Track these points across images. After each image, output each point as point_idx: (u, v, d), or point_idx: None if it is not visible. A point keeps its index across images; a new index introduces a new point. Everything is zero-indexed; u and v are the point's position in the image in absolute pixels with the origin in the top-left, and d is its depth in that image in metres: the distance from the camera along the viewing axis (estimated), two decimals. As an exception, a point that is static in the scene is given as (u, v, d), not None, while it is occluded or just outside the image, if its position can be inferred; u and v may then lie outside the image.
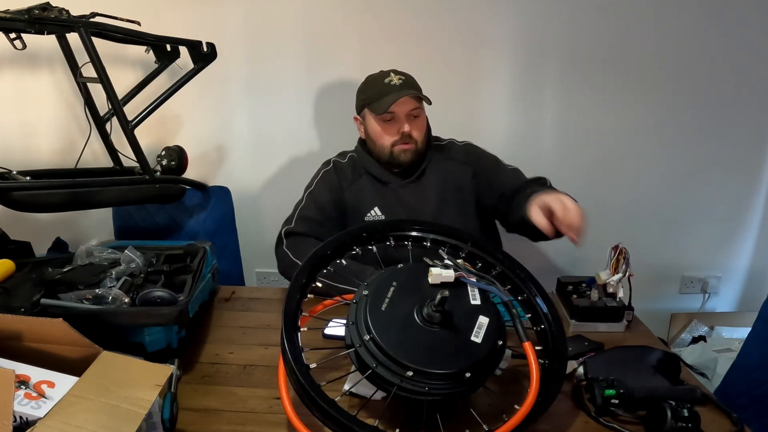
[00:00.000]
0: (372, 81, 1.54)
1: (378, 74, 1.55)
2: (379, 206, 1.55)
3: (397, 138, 1.51)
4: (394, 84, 1.49)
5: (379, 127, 1.52)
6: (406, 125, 1.50)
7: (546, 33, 2.04)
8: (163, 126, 2.09)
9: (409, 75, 1.54)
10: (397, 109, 1.49)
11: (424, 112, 1.56)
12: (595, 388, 1.00)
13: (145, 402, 0.81)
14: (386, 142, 1.52)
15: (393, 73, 1.52)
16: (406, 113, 1.50)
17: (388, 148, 1.53)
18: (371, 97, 1.51)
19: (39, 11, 1.49)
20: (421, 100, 1.51)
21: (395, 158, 1.53)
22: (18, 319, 0.91)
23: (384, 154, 1.54)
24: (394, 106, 1.46)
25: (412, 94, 1.47)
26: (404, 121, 1.50)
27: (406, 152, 1.52)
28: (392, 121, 1.51)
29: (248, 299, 1.49)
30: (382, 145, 1.54)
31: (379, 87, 1.50)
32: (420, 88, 1.54)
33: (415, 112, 1.51)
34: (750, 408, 1.26)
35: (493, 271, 1.10)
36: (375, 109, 1.49)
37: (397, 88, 1.48)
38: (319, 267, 1.04)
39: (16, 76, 2.04)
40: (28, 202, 1.52)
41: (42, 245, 1.52)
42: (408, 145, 1.52)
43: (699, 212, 2.24)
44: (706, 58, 2.05)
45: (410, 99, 1.48)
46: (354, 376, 1.04)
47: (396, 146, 1.52)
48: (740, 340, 1.57)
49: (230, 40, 1.99)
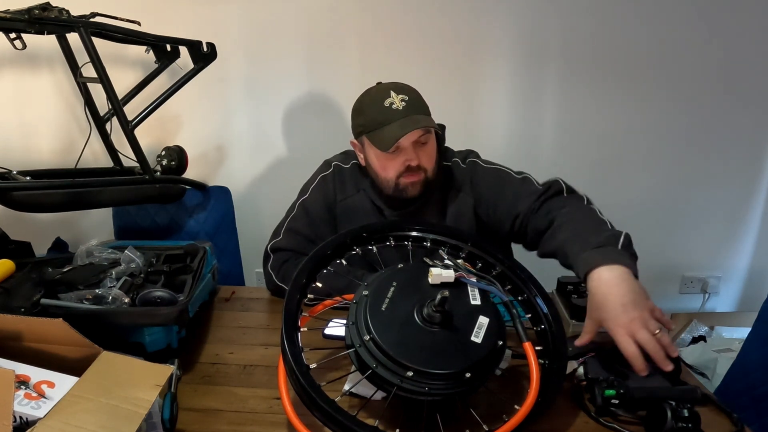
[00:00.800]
0: (370, 102, 1.30)
1: (375, 92, 1.30)
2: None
3: (402, 170, 1.29)
4: (396, 108, 1.25)
5: (380, 161, 1.31)
6: (414, 158, 1.28)
7: (546, 33, 2.04)
8: (163, 126, 2.09)
9: (413, 92, 1.30)
10: (403, 142, 1.25)
11: (433, 137, 1.32)
12: (595, 388, 1.00)
13: (145, 402, 0.81)
14: (390, 175, 1.31)
15: (394, 92, 1.27)
16: (413, 142, 1.27)
17: (393, 180, 1.31)
18: (369, 125, 1.28)
19: (39, 11, 1.49)
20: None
21: (402, 192, 1.32)
22: (18, 319, 0.90)
23: (388, 187, 1.33)
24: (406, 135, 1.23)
25: (421, 125, 1.24)
26: (411, 151, 1.27)
27: (414, 184, 1.31)
28: (396, 152, 1.28)
29: (248, 299, 1.49)
30: (385, 179, 1.33)
31: (379, 112, 1.26)
32: (426, 107, 1.31)
33: (423, 138, 1.28)
34: (750, 408, 1.26)
35: (493, 271, 1.10)
36: (376, 143, 1.26)
37: (400, 114, 1.24)
38: (319, 267, 1.04)
39: (16, 76, 2.04)
40: (28, 202, 1.52)
41: (42, 245, 1.52)
42: (415, 176, 1.30)
43: (699, 212, 2.24)
44: (707, 58, 2.05)
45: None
46: (354, 376, 1.03)
47: (402, 178, 1.30)
48: (740, 340, 1.57)
49: (230, 40, 1.99)
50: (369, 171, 1.39)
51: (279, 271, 1.42)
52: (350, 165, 1.47)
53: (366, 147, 1.35)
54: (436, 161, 1.35)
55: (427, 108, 1.33)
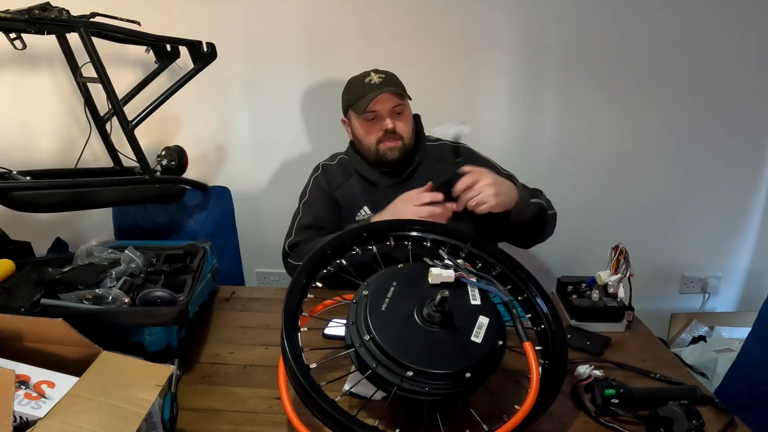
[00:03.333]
0: (353, 82, 1.55)
1: (359, 75, 1.55)
2: (369, 206, 1.55)
3: (381, 135, 1.50)
4: (374, 83, 1.49)
5: (362, 128, 1.53)
6: (389, 121, 1.49)
7: (546, 32, 2.04)
8: (163, 126, 2.09)
9: (390, 73, 1.54)
10: (379, 107, 1.49)
11: (408, 109, 1.55)
12: (595, 388, 1.00)
13: (145, 402, 0.81)
14: (371, 140, 1.52)
15: (374, 73, 1.52)
16: (389, 110, 1.50)
17: (374, 146, 1.52)
18: (352, 99, 1.52)
19: (39, 11, 1.49)
20: (403, 97, 1.50)
21: (382, 156, 1.52)
22: (18, 319, 0.91)
23: (371, 153, 1.54)
24: (375, 104, 1.47)
25: (391, 91, 1.47)
26: (387, 117, 1.50)
27: (392, 149, 1.51)
28: (375, 119, 1.51)
29: (248, 299, 1.49)
30: (368, 144, 1.53)
31: (360, 87, 1.51)
32: (402, 84, 1.53)
33: (398, 108, 1.51)
34: (750, 408, 1.26)
35: (493, 271, 1.10)
36: (356, 108, 1.49)
37: (376, 86, 1.48)
38: (319, 267, 1.04)
39: (16, 76, 2.04)
40: (28, 202, 1.52)
41: (42, 245, 1.52)
42: (393, 141, 1.51)
43: (699, 212, 2.24)
44: (707, 58, 2.05)
45: (391, 96, 1.48)
46: (354, 376, 1.04)
47: (381, 143, 1.51)
48: (740, 340, 1.57)
49: (230, 40, 1.99)
50: (356, 143, 1.60)
51: (296, 258, 1.49)
52: (336, 161, 1.65)
53: (352, 119, 1.57)
54: (412, 133, 1.56)
55: (402, 86, 1.54)
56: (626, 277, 1.29)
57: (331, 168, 1.63)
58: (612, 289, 1.32)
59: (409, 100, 1.53)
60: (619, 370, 1.14)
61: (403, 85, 1.54)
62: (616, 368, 1.14)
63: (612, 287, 1.32)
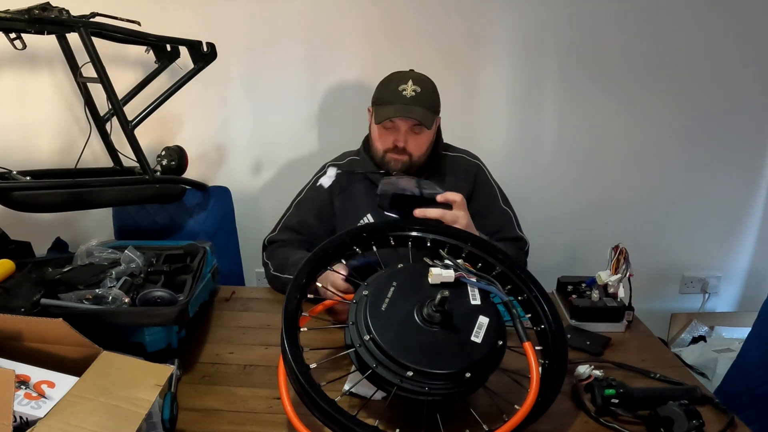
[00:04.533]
0: (388, 82, 1.47)
1: (398, 76, 1.47)
2: (372, 214, 1.50)
3: (390, 147, 1.46)
4: (404, 95, 1.42)
5: (377, 131, 1.49)
6: (402, 140, 1.44)
7: (547, 32, 2.04)
8: (163, 126, 2.09)
9: (428, 85, 1.46)
10: (399, 122, 1.44)
11: (429, 131, 1.47)
12: (595, 388, 1.00)
13: (145, 402, 0.81)
14: (380, 146, 1.49)
15: (411, 82, 1.43)
16: (408, 127, 1.44)
17: (381, 152, 1.49)
18: (379, 99, 1.47)
19: (39, 11, 1.49)
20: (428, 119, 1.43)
21: (386, 164, 1.49)
22: (18, 319, 0.90)
23: (377, 156, 1.52)
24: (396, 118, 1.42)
25: (413, 116, 1.40)
26: (403, 135, 1.44)
27: (397, 162, 1.47)
28: (392, 129, 1.45)
29: (248, 299, 1.49)
30: (376, 148, 1.51)
31: (391, 92, 1.43)
32: (434, 104, 1.47)
33: (418, 129, 1.44)
34: (750, 408, 1.26)
35: (493, 271, 1.10)
36: (376, 114, 1.45)
37: (405, 101, 1.41)
38: (319, 267, 1.04)
39: (16, 76, 2.04)
40: (28, 202, 1.52)
41: (42, 245, 1.52)
42: (400, 156, 1.46)
43: (699, 212, 2.24)
44: (707, 58, 2.05)
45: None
46: (354, 376, 1.04)
47: (388, 153, 1.48)
48: (740, 340, 1.57)
49: (230, 40, 1.99)
50: (370, 138, 1.55)
51: (274, 260, 1.50)
52: (345, 161, 1.60)
53: (372, 115, 1.51)
54: (426, 151, 1.50)
55: (434, 104, 1.47)
56: (626, 277, 1.30)
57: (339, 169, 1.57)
58: (612, 289, 1.32)
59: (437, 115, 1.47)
60: (619, 370, 1.14)
61: (435, 101, 1.47)
62: (616, 368, 1.15)
63: (612, 287, 1.32)
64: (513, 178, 1.81)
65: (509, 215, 1.56)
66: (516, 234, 1.54)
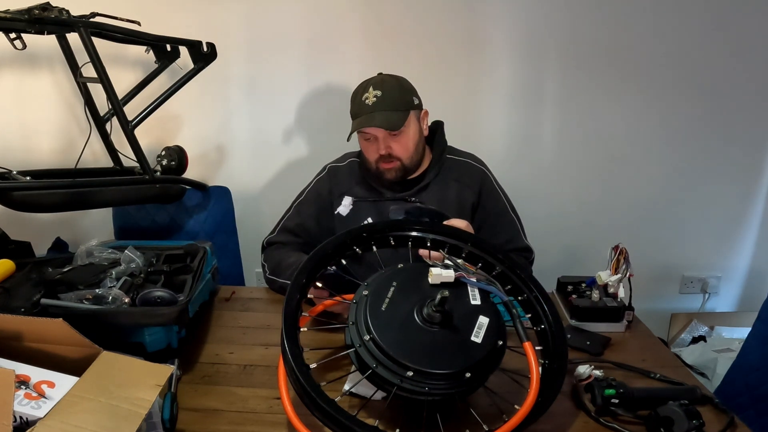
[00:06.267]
0: (354, 94, 1.45)
1: (363, 85, 1.44)
2: (373, 217, 1.50)
3: (377, 157, 1.44)
4: (366, 103, 1.39)
5: (361, 145, 1.48)
6: (383, 147, 1.41)
7: (547, 32, 2.04)
8: (163, 126, 2.09)
9: (388, 89, 1.40)
10: (373, 131, 1.40)
11: (407, 128, 1.42)
12: (595, 388, 1.00)
13: (145, 402, 0.81)
14: (370, 158, 1.46)
15: (372, 88, 1.40)
16: (384, 134, 1.40)
17: (374, 164, 1.47)
18: (352, 113, 1.45)
19: (39, 11, 1.49)
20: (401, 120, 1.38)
21: (381, 174, 1.47)
22: (18, 319, 0.90)
23: (372, 168, 1.49)
24: (367, 128, 1.39)
25: (375, 123, 1.37)
26: (382, 142, 1.41)
27: (390, 170, 1.45)
28: (372, 140, 1.43)
29: (248, 299, 1.49)
30: (368, 160, 1.49)
31: (357, 104, 1.42)
32: (399, 102, 1.40)
33: (394, 132, 1.40)
34: (750, 408, 1.26)
35: (494, 271, 1.10)
36: (352, 127, 1.42)
37: (368, 109, 1.38)
38: (320, 267, 1.04)
39: (16, 76, 2.04)
40: (28, 202, 1.52)
41: (42, 245, 1.52)
42: (390, 164, 1.44)
43: (699, 212, 2.24)
44: (707, 58, 2.05)
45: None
46: (354, 376, 1.04)
47: (379, 164, 1.45)
48: (740, 340, 1.57)
49: (230, 40, 1.99)
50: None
51: (270, 263, 1.51)
52: (346, 163, 1.58)
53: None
54: (416, 150, 1.46)
55: (401, 103, 1.41)
56: (626, 277, 1.30)
57: (339, 171, 1.56)
58: (612, 289, 1.32)
59: (415, 109, 1.43)
60: (619, 370, 1.14)
61: (404, 98, 1.42)
62: (616, 368, 1.15)
63: (612, 287, 1.32)
64: (513, 178, 1.81)
65: (516, 225, 1.53)
66: (524, 244, 1.52)
